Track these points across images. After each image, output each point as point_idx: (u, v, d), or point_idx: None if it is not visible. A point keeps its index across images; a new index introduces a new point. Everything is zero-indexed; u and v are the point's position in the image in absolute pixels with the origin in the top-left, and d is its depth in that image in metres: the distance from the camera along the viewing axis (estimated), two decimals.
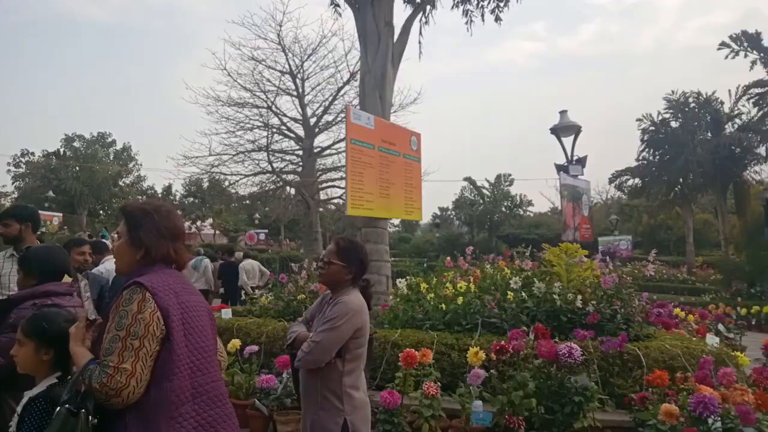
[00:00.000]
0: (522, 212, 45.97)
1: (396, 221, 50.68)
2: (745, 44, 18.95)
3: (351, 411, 2.47)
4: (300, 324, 2.78)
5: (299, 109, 20.95)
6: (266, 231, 33.34)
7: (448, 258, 7.77)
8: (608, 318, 5.36)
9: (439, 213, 52.09)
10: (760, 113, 21.12)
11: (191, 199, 39.15)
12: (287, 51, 20.02)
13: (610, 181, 33.69)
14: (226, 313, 6.55)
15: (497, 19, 9.52)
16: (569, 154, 10.34)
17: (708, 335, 5.61)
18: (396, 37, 7.84)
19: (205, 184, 28.45)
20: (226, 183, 22.43)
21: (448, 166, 73.40)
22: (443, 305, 5.72)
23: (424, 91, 36.53)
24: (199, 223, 39.19)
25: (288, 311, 6.82)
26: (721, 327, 8.93)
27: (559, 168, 10.17)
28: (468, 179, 44.30)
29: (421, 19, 9.25)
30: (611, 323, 5.32)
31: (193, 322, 1.91)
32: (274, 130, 20.74)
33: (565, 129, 10.36)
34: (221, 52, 36.58)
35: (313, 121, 20.87)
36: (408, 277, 7.19)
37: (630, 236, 34.05)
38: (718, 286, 20.86)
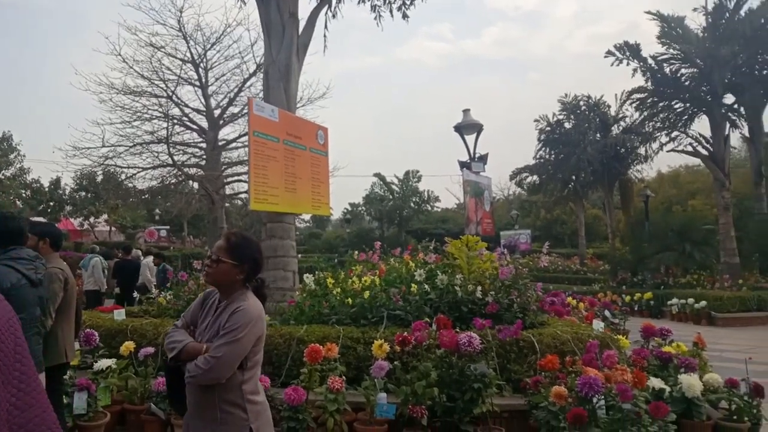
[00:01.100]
0: (430, 208, 47.18)
1: (306, 217, 50.16)
2: (627, 53, 20.58)
3: (255, 418, 2.31)
4: (181, 331, 2.43)
5: (202, 100, 20.13)
6: (168, 227, 31.74)
7: (356, 252, 7.80)
8: (506, 307, 5.60)
9: (349, 209, 52.21)
10: (641, 117, 23.09)
11: (83, 193, 36.38)
12: (189, 39, 19.17)
13: (511, 178, 35.46)
14: (119, 314, 6.16)
15: (404, 16, 9.65)
16: (472, 151, 10.73)
17: (595, 321, 6.03)
18: (301, 28, 7.72)
19: (99, 178, 26.54)
20: (123, 176, 21.10)
21: (358, 162, 73.94)
22: (350, 300, 5.72)
23: (336, 87, 36.57)
24: (92, 219, 36.54)
25: None
26: (607, 313, 9.67)
27: (463, 165, 10.52)
28: (378, 175, 44.80)
29: (326, 12, 9.18)
30: (509, 312, 5.57)
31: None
32: (175, 121, 19.76)
33: (468, 127, 10.73)
34: (115, 36, 34.27)
35: (217, 112, 20.13)
36: (316, 273, 7.14)
37: (529, 230, 36.04)
38: (605, 275, 22.54)
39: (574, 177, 29.74)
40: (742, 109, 19.98)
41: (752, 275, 17.74)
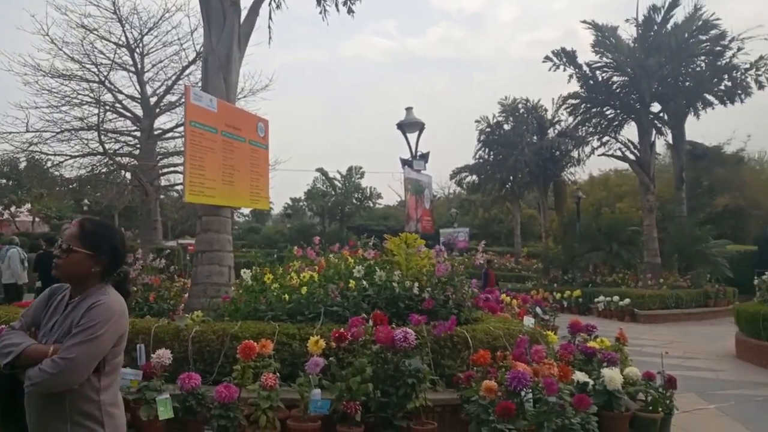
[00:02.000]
0: (372, 204, 47.30)
1: (246, 211, 49.14)
2: (564, 60, 21.35)
3: None
4: (19, 332, 2.04)
5: (137, 87, 19.32)
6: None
7: (296, 248, 7.71)
8: (442, 303, 5.71)
9: (291, 203, 51.58)
10: (575, 122, 24.04)
11: (4, 181, 34.13)
12: (124, 22, 18.37)
13: (451, 177, 36.04)
14: None
15: (350, 11, 9.61)
16: (413, 149, 10.84)
17: (526, 317, 6.24)
18: (243, 17, 7.54)
19: (22, 165, 24.97)
20: (48, 164, 19.99)
21: (301, 156, 72.75)
22: (287, 296, 5.66)
23: (280, 80, 35.87)
24: (13, 208, 34.34)
25: None
26: (538, 310, 10.03)
27: (404, 162, 10.61)
28: (320, 170, 44.49)
29: (270, 3, 9.02)
30: (444, 308, 5.67)
31: None
32: (107, 107, 18.87)
33: (410, 125, 10.83)
34: (42, 15, 32.29)
35: (153, 100, 19.38)
36: (253, 268, 7.01)
37: (468, 228, 36.82)
38: (539, 273, 23.40)
39: (511, 177, 30.59)
40: (666, 117, 21.16)
41: (672, 274, 18.85)
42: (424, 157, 10.86)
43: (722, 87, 20.09)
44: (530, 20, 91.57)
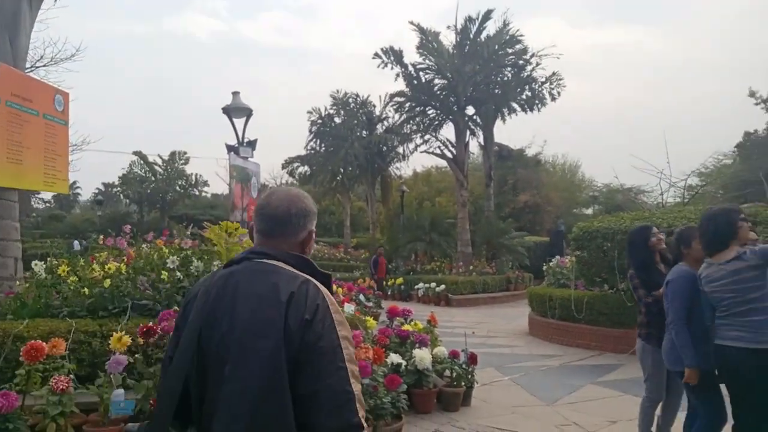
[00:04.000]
0: (198, 192, 44.86)
1: (48, 195, 43.30)
2: (392, 58, 22.41)
3: None
4: None
5: None
6: None
7: (102, 237, 7.00)
8: None
9: (103, 189, 46.70)
10: (401, 119, 25.39)
11: None
12: None
13: (283, 167, 35.70)
14: None
15: None
16: (240, 135, 10.46)
17: (347, 305, 6.42)
18: None
19: None
20: None
21: (116, 137, 66.04)
22: (86, 290, 5.10)
23: (92, 51, 32.05)
24: None
25: None
26: (362, 297, 10.41)
27: (230, 148, 10.18)
28: (138, 153, 40.86)
29: None
30: None
31: None
32: None
33: (237, 110, 10.42)
34: None
35: None
36: (48, 259, 6.20)
37: None
38: (366, 263, 24.29)
39: (342, 170, 31.27)
40: (479, 120, 23.34)
41: (481, 262, 20.94)
42: (252, 144, 10.54)
43: (524, 96, 22.75)
44: (363, 16, 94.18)
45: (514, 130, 65.75)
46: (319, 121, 31.77)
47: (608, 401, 6.00)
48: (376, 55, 22.43)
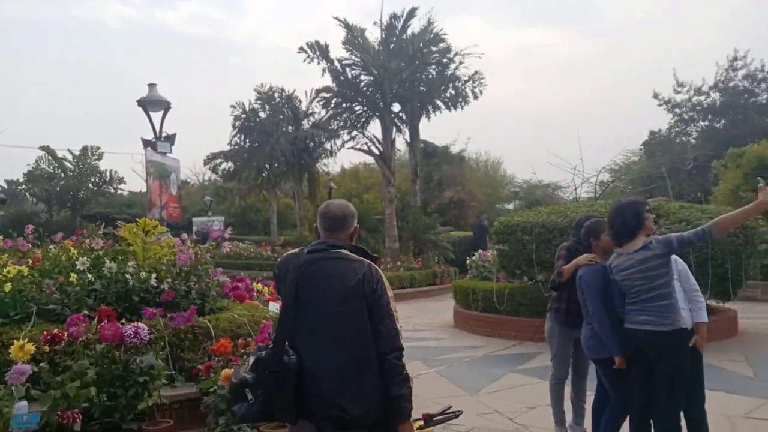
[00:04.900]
0: (113, 190, 42.45)
1: None
2: (318, 53, 22.25)
3: None
4: None
5: None
6: None
7: (1, 238, 6.47)
8: (183, 294, 5.40)
9: (6, 187, 43.19)
10: (327, 115, 25.26)
11: None
12: None
13: (205, 163, 34.52)
14: None
15: None
16: (158, 129, 10.02)
17: (271, 303, 6.29)
18: None
19: None
20: None
21: (19, 131, 60.99)
22: None
23: None
24: None
25: None
26: None
27: (146, 143, 9.74)
28: (45, 148, 38.04)
29: None
30: (186, 299, 5.38)
31: None
32: None
33: (153, 103, 9.97)
34: None
35: None
36: None
37: (223, 217, 35.68)
38: None
39: (268, 166, 30.68)
40: (405, 117, 23.64)
41: (408, 257, 21.24)
42: (170, 138, 10.12)
43: (448, 94, 23.27)
44: (287, 9, 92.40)
45: (439, 128, 66.90)
46: (243, 115, 30.97)
47: (527, 388, 6.26)
48: (302, 49, 22.21)
